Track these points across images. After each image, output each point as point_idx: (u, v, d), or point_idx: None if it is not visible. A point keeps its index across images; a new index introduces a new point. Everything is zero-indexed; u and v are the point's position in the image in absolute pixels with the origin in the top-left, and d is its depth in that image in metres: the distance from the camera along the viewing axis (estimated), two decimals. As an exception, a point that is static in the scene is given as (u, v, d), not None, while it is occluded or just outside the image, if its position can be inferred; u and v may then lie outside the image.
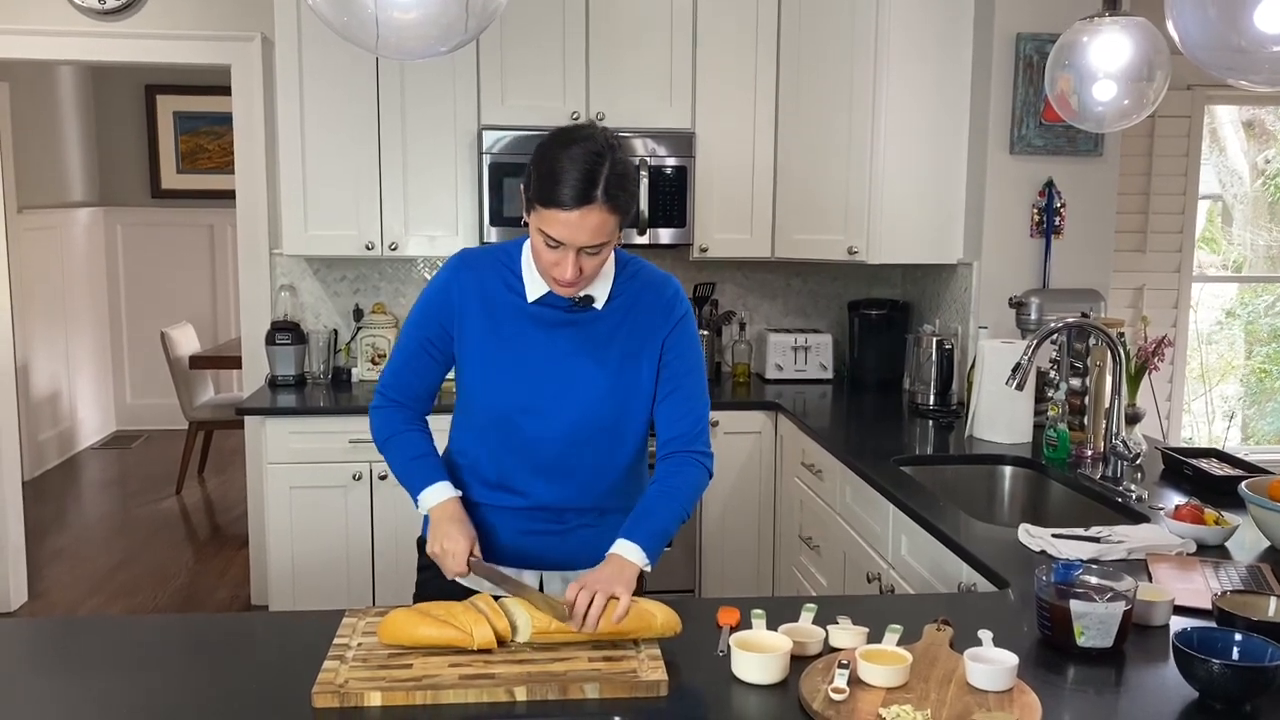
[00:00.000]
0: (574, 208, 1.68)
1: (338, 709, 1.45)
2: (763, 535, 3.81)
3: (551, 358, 1.87)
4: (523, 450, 1.90)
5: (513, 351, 1.87)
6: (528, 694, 1.48)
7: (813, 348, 4.13)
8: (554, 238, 1.71)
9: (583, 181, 1.67)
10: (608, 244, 1.75)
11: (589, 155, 1.69)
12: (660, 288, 1.93)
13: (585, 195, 1.67)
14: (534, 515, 1.94)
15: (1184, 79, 4.34)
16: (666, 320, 1.91)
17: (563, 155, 1.69)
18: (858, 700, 1.44)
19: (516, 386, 1.87)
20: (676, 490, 1.85)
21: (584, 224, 1.69)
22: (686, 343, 1.92)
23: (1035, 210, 3.61)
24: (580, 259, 1.74)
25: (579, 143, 1.71)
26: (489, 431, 1.92)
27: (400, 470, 1.92)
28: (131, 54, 4.02)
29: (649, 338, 1.90)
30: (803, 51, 3.83)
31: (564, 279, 1.75)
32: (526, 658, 1.59)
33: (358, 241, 3.78)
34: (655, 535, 1.78)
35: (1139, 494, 2.52)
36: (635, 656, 1.59)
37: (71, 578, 4.66)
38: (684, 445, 1.89)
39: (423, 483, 1.88)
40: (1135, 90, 2.53)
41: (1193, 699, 1.50)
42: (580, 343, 1.87)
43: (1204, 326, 5.28)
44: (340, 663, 1.55)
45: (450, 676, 1.51)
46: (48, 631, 1.88)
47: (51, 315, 6.46)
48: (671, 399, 1.90)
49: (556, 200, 1.68)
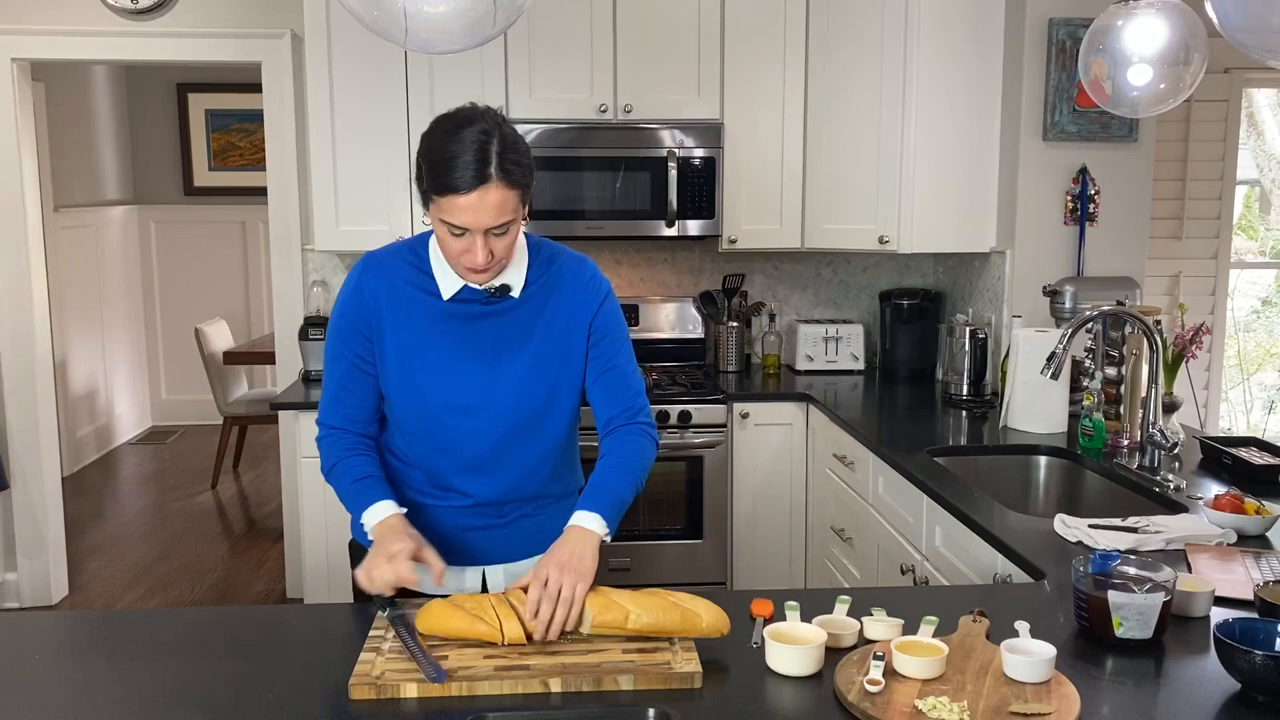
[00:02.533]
0: (471, 189, 1.64)
1: (374, 700, 1.46)
2: (794, 527, 3.80)
3: (475, 353, 1.83)
4: (455, 449, 1.87)
5: (434, 352, 1.83)
6: (562, 685, 1.48)
7: (844, 338, 4.11)
8: (457, 225, 1.68)
9: (475, 161, 1.64)
10: (513, 222, 1.72)
11: (477, 135, 1.66)
12: (578, 268, 1.90)
13: (480, 175, 1.64)
14: (473, 512, 1.92)
15: (1221, 62, 4.27)
16: (590, 300, 1.88)
17: (450, 141, 1.66)
18: (893, 692, 1.43)
19: (441, 387, 1.83)
20: (628, 461, 1.85)
21: (484, 204, 1.66)
22: (613, 320, 1.90)
23: (1069, 197, 3.57)
24: (489, 241, 1.70)
25: (464, 125, 1.68)
26: (419, 433, 1.88)
27: (344, 498, 1.86)
28: (163, 52, 4.07)
29: (574, 320, 1.87)
30: (831, 38, 3.80)
31: (476, 265, 1.71)
32: (560, 649, 1.59)
33: (388, 236, 3.79)
34: (613, 504, 1.78)
35: (1177, 484, 2.48)
36: (670, 649, 1.59)
37: (110, 572, 4.72)
38: (627, 419, 1.89)
39: (364, 505, 1.80)
40: (1171, 74, 2.49)
41: (1234, 691, 1.48)
42: (502, 334, 1.84)
43: (1241, 314, 5.21)
44: (376, 655, 1.56)
45: (485, 668, 1.52)
46: (88, 624, 1.91)
47: (88, 313, 6.54)
48: (606, 378, 1.89)
49: (452, 186, 1.65)
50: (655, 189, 3.79)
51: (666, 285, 4.31)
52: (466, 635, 1.59)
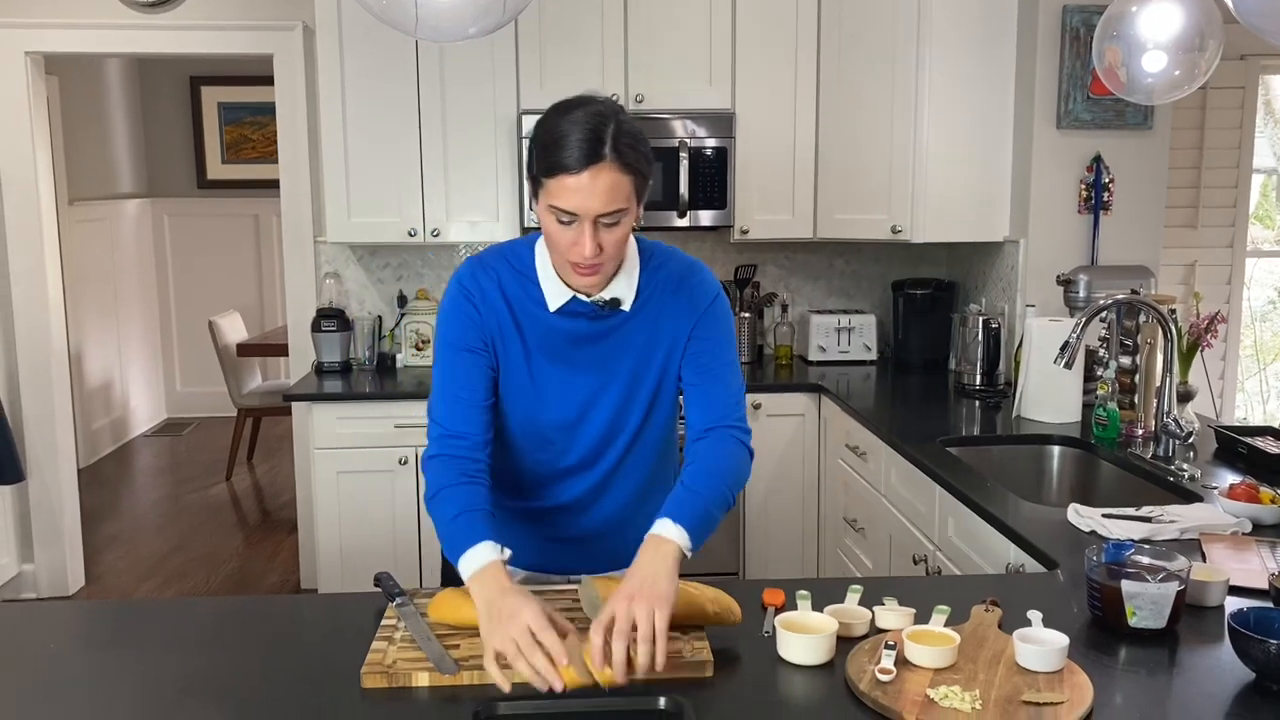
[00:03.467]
0: (582, 168, 1.54)
1: (386, 689, 1.46)
2: (806, 517, 3.80)
3: (584, 370, 1.75)
4: (554, 460, 1.81)
5: (543, 369, 1.74)
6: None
7: (856, 329, 4.09)
8: (566, 209, 1.56)
9: (588, 140, 1.54)
10: (625, 213, 1.59)
11: (591, 115, 1.57)
12: (686, 275, 1.78)
13: (593, 153, 1.54)
14: (560, 518, 1.86)
15: (1237, 49, 4.23)
16: (695, 307, 1.77)
17: (563, 120, 1.57)
18: (905, 681, 1.43)
19: (550, 405, 1.76)
20: (719, 469, 1.68)
21: (596, 187, 1.54)
22: (715, 324, 1.78)
23: (1083, 186, 3.55)
24: (598, 233, 1.58)
25: (580, 107, 1.59)
26: (517, 444, 1.81)
27: (442, 536, 1.63)
28: (175, 45, 4.08)
29: (679, 330, 1.76)
30: (844, 27, 3.79)
31: (584, 257, 1.59)
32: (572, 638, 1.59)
33: (400, 228, 3.81)
34: (699, 517, 1.59)
35: (1191, 473, 2.47)
36: (681, 638, 1.59)
37: (126, 563, 4.75)
38: (721, 424, 1.75)
39: (462, 546, 1.56)
40: (1186, 61, 2.47)
41: (1249, 680, 1.47)
42: (610, 350, 1.75)
43: (1258, 303, 5.17)
44: (389, 643, 1.57)
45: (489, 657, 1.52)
46: (104, 614, 1.92)
47: (103, 306, 6.58)
48: (704, 383, 1.77)
49: (562, 164, 1.54)
50: (667, 179, 3.78)
51: (678, 276, 4.29)
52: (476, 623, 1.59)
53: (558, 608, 1.68)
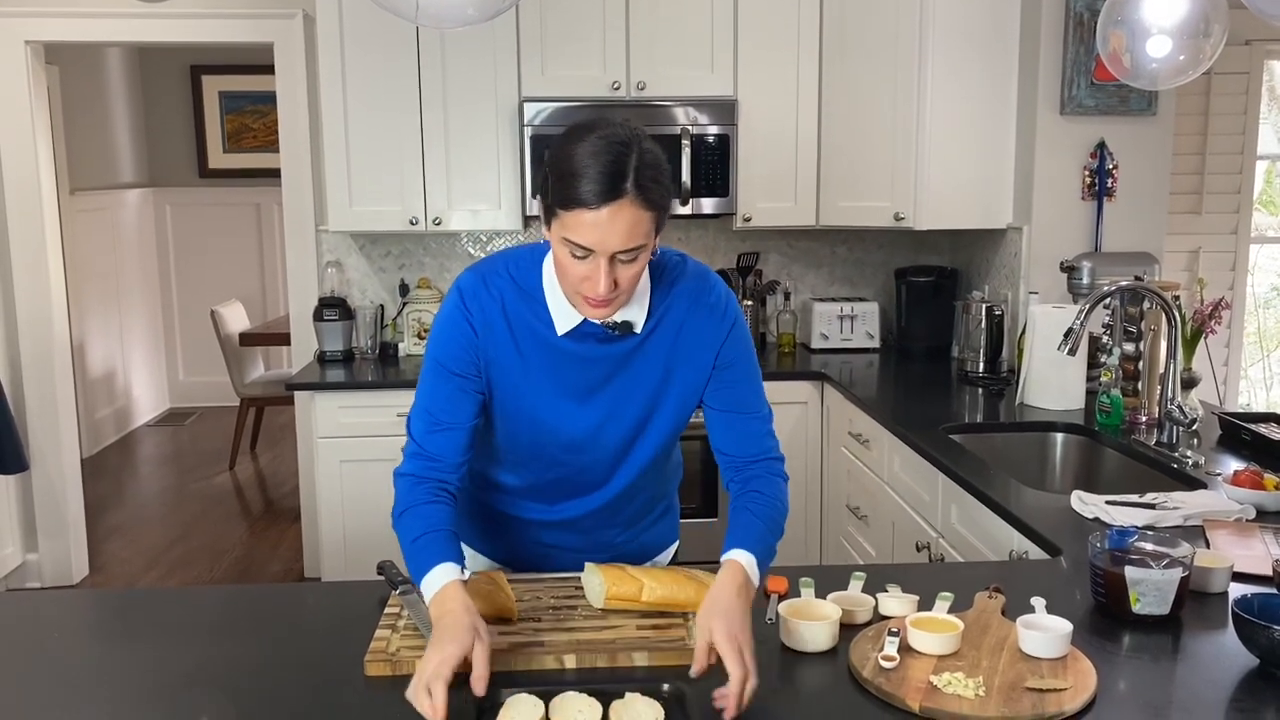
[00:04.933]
0: (602, 204, 1.44)
1: (389, 677, 1.46)
2: (810, 505, 3.80)
3: (589, 394, 1.67)
4: (558, 477, 1.76)
5: (544, 390, 1.66)
6: (577, 661, 1.49)
7: (859, 316, 4.09)
8: (582, 244, 1.47)
9: (609, 174, 1.44)
10: (643, 249, 1.51)
11: (612, 145, 1.46)
12: (702, 291, 1.69)
13: (614, 188, 1.44)
14: (563, 530, 1.84)
15: (1242, 34, 4.22)
16: (718, 331, 1.68)
17: (582, 149, 1.47)
18: (908, 668, 1.43)
19: (558, 429, 1.69)
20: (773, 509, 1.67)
21: (615, 224, 1.45)
22: (742, 349, 1.71)
23: (1087, 172, 3.53)
24: (614, 269, 1.49)
25: (598, 132, 1.49)
26: (523, 459, 1.76)
27: (406, 554, 1.58)
28: (176, 34, 4.07)
29: (700, 352, 1.68)
30: (846, 14, 3.77)
31: (597, 296, 1.50)
32: (576, 625, 1.59)
33: (402, 217, 3.80)
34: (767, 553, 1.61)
35: (1195, 460, 2.47)
36: (684, 625, 1.59)
37: (130, 552, 4.76)
38: (763, 460, 1.71)
39: (424, 568, 1.52)
40: (1191, 46, 2.46)
41: (1253, 666, 1.47)
42: (622, 375, 1.67)
43: (1262, 290, 5.16)
44: (392, 631, 1.57)
45: (500, 644, 1.52)
46: (108, 603, 1.93)
47: (105, 295, 6.58)
48: (736, 413, 1.71)
49: (580, 199, 1.45)
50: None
51: (681, 264, 4.28)
52: (483, 611, 1.59)
53: (561, 595, 1.69)
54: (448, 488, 1.64)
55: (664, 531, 1.96)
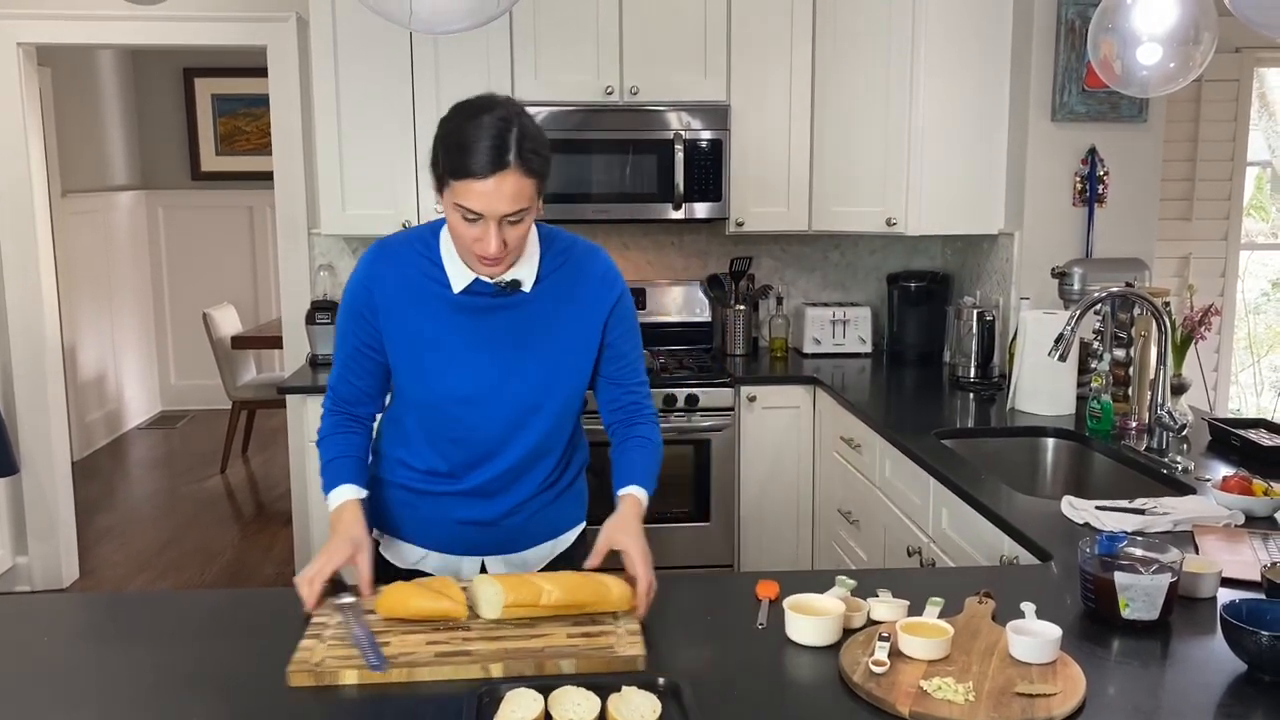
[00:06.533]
0: (489, 174, 1.63)
1: (313, 688, 1.44)
2: (801, 510, 3.80)
3: (483, 347, 1.83)
4: (460, 438, 1.88)
5: (443, 345, 1.83)
6: (504, 670, 1.46)
7: (851, 321, 4.10)
8: (472, 210, 1.66)
9: (494, 147, 1.63)
10: (528, 211, 1.70)
11: (497, 121, 1.65)
12: (591, 262, 1.89)
13: (499, 160, 1.63)
14: (472, 502, 1.92)
15: (1232, 41, 4.23)
16: (605, 297, 1.88)
17: (470, 125, 1.65)
18: (899, 673, 1.44)
19: (448, 379, 1.84)
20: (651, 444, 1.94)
21: (501, 190, 1.64)
22: (628, 320, 1.92)
23: (1078, 178, 3.55)
24: (502, 230, 1.69)
25: (485, 111, 1.67)
26: (424, 422, 1.90)
27: (321, 474, 1.90)
28: (169, 36, 4.06)
29: (587, 316, 1.87)
30: (839, 18, 3.78)
31: (488, 253, 1.70)
32: (505, 634, 1.57)
33: (395, 220, 3.79)
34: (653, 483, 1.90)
35: (1185, 465, 2.48)
36: (614, 631, 1.58)
37: (120, 555, 4.75)
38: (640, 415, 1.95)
39: (329, 486, 1.86)
40: (1181, 53, 2.47)
41: (1241, 671, 1.48)
42: (512, 329, 1.83)
43: (1251, 296, 5.18)
44: (318, 641, 1.55)
45: (426, 654, 1.50)
46: (99, 607, 1.92)
47: (97, 298, 6.56)
48: (619, 374, 1.93)
49: (469, 170, 1.64)
50: (662, 171, 3.78)
51: (673, 268, 4.30)
52: (430, 614, 1.59)
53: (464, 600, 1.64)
54: (359, 420, 1.92)
55: (571, 509, 2.05)
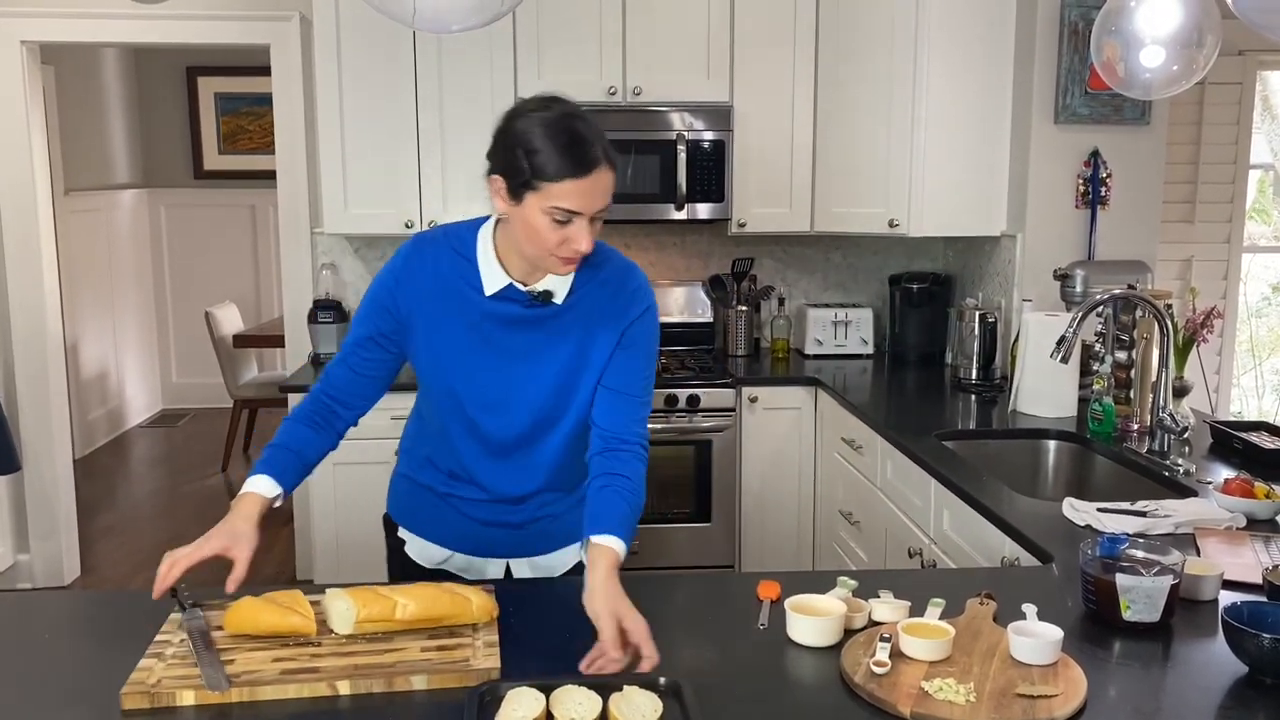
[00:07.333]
0: (588, 172, 1.62)
1: (148, 710, 1.38)
2: (802, 511, 3.80)
3: (508, 355, 1.81)
4: (481, 444, 1.87)
5: (469, 349, 1.81)
6: (351, 688, 1.42)
7: (853, 322, 4.10)
8: (569, 209, 1.63)
9: (588, 145, 1.63)
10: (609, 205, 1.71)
11: (576, 120, 1.65)
12: (623, 279, 1.85)
13: (595, 157, 1.63)
14: (491, 506, 1.92)
15: (1235, 44, 4.23)
16: (627, 314, 1.83)
17: (551, 127, 1.63)
18: (900, 674, 1.44)
19: (473, 385, 1.82)
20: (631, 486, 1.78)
21: (598, 186, 1.64)
22: (645, 333, 1.85)
23: (1080, 181, 3.55)
24: (593, 225, 1.68)
25: (558, 112, 1.65)
26: (446, 425, 1.88)
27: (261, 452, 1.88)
28: (172, 35, 4.06)
29: (608, 329, 1.82)
30: (842, 20, 3.78)
31: (585, 250, 1.67)
32: (356, 649, 1.52)
33: (397, 219, 3.80)
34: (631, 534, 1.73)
35: (1187, 468, 2.48)
36: (471, 644, 1.54)
37: (121, 554, 4.75)
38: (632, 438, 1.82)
39: (253, 470, 1.82)
40: (1184, 56, 2.47)
41: (1242, 674, 1.48)
42: (540, 340, 1.81)
43: (1254, 299, 5.18)
44: (158, 660, 1.48)
45: (271, 672, 1.45)
46: (100, 604, 1.92)
47: (99, 296, 6.56)
48: (623, 394, 1.82)
49: (568, 170, 1.61)
50: (664, 172, 3.78)
51: (675, 269, 4.30)
52: (279, 630, 1.54)
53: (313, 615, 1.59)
54: (332, 421, 1.89)
55: None
